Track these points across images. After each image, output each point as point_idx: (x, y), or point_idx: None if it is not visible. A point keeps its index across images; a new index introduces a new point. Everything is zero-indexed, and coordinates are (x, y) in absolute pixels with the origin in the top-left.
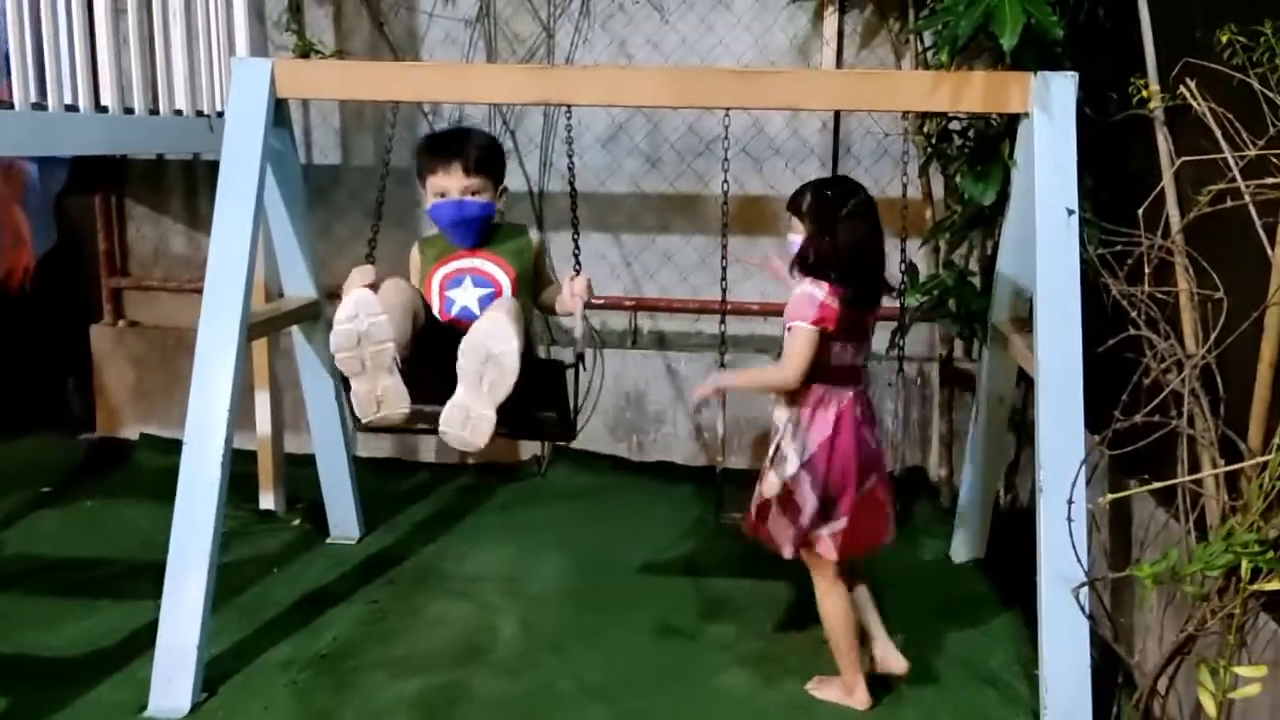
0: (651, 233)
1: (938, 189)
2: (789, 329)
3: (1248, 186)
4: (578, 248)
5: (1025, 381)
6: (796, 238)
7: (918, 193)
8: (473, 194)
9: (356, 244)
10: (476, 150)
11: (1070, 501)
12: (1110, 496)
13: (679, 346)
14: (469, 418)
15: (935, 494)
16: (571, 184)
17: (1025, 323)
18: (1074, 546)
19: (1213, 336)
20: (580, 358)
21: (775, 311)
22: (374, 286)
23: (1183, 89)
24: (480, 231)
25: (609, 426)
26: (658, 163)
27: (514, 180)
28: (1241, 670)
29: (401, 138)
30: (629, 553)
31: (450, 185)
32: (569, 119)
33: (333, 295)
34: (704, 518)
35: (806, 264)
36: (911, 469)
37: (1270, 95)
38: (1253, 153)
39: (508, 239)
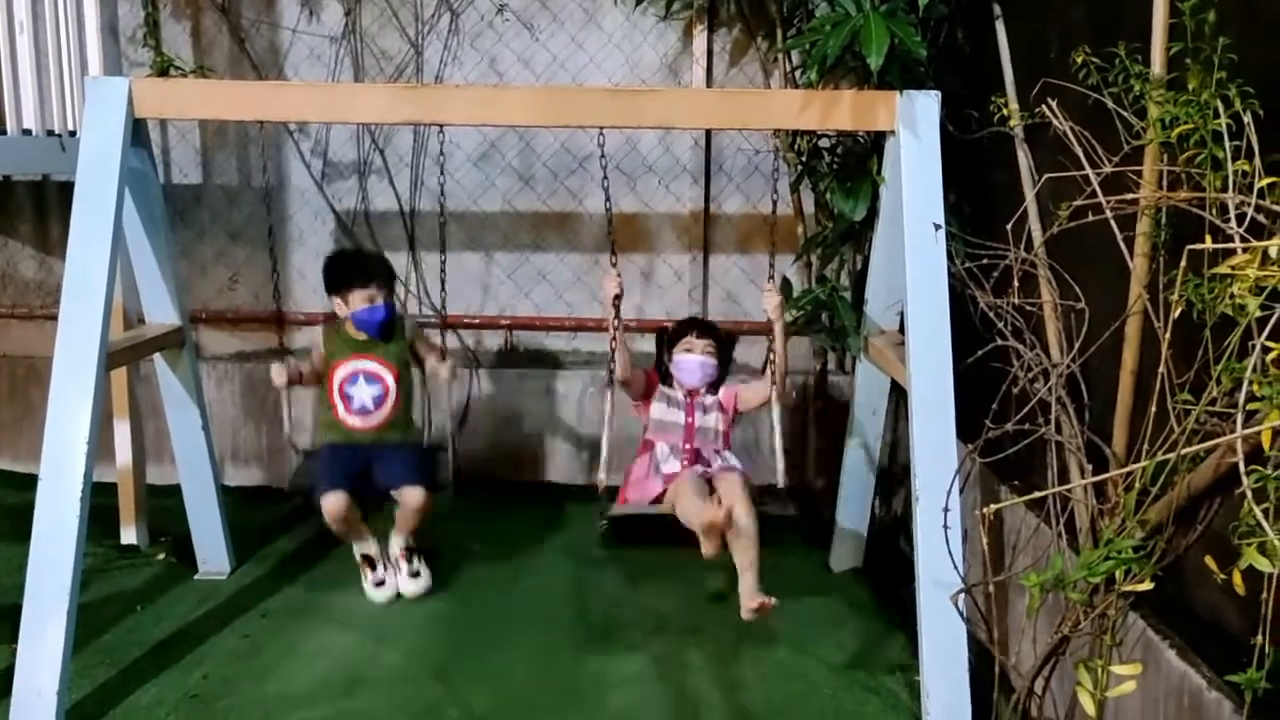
0: (526, 251)
1: (808, 205)
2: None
3: (1108, 201)
4: (443, 271)
5: (898, 393)
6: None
7: (789, 209)
8: (383, 300)
9: (220, 266)
10: (382, 267)
11: (946, 509)
12: (994, 507)
13: (556, 365)
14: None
15: (814, 506)
16: (441, 211)
17: (896, 335)
18: (950, 553)
19: (1076, 345)
20: (453, 435)
21: (649, 329)
22: (298, 376)
23: (1043, 107)
24: (387, 328)
25: (486, 448)
26: (530, 180)
27: (384, 199)
28: (1118, 669)
29: (265, 157)
30: (511, 575)
31: (364, 298)
32: (441, 138)
33: (196, 319)
34: (586, 537)
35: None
36: (791, 483)
37: (1123, 114)
38: (1109, 169)
39: (392, 342)
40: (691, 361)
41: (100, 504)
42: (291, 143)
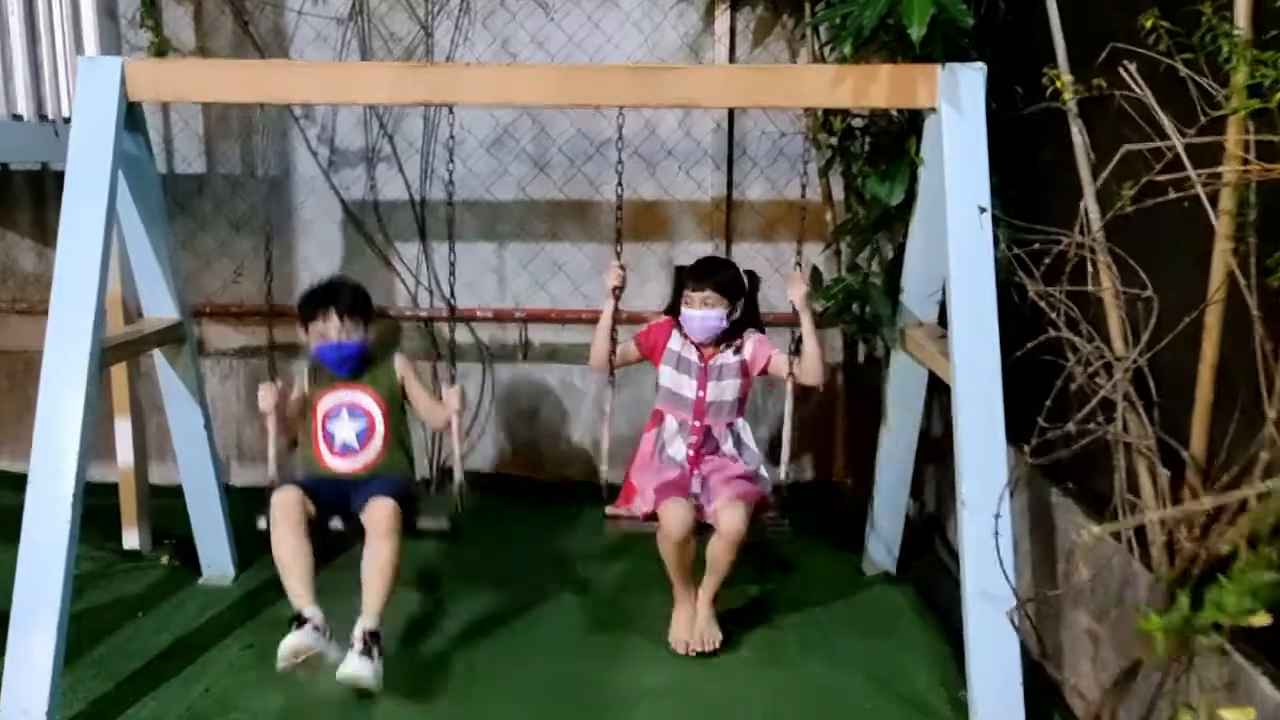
0: (541, 240)
1: (837, 190)
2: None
3: (1199, 175)
4: (452, 267)
5: (934, 386)
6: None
7: (817, 194)
8: (349, 334)
9: (223, 259)
10: (351, 298)
11: (997, 517)
12: (1096, 530)
13: (573, 359)
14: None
15: (840, 504)
16: (451, 199)
17: (935, 326)
18: (1001, 565)
19: (1145, 338)
20: (457, 514)
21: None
22: (283, 399)
23: (1119, 71)
24: (357, 364)
25: (501, 446)
26: (546, 167)
27: (393, 188)
28: (1229, 715)
29: (270, 144)
30: (530, 579)
31: (329, 330)
32: (452, 121)
33: (199, 314)
34: (603, 538)
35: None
36: (815, 479)
37: (1201, 81)
38: (1189, 139)
39: (379, 368)
40: (691, 317)
41: (101, 505)
42: (297, 129)
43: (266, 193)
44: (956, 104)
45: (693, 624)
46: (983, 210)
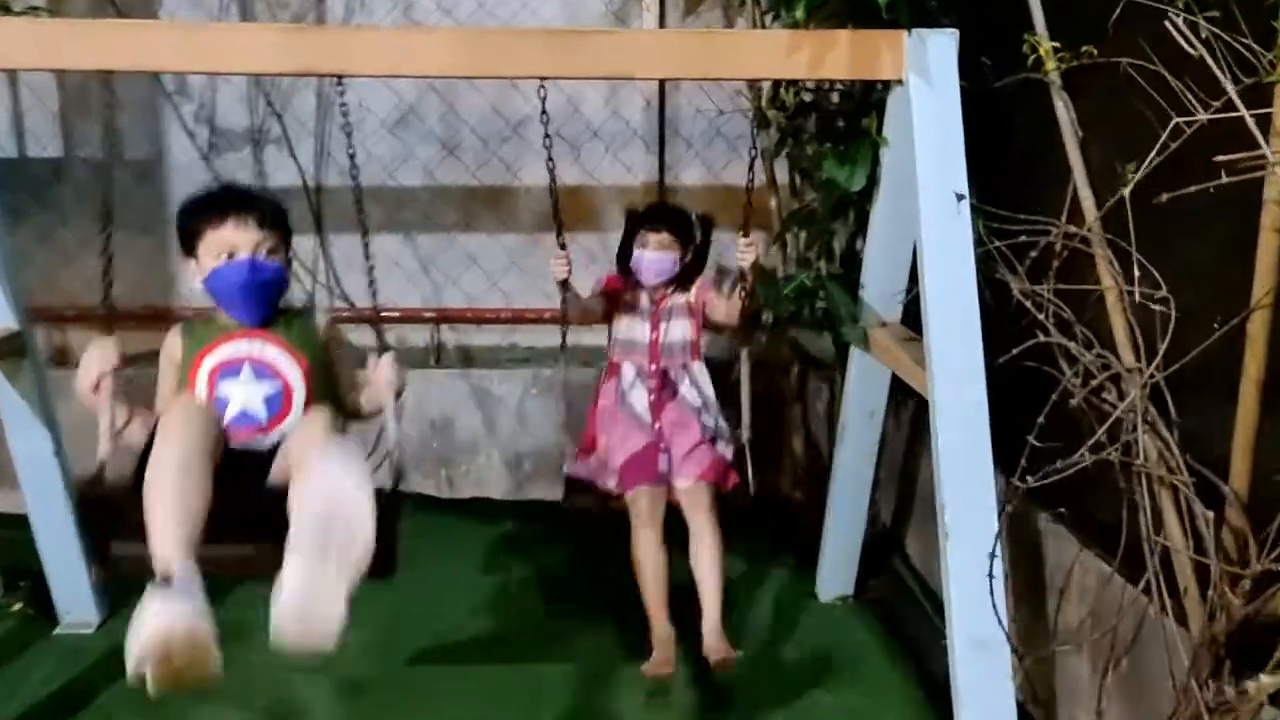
0: (452, 231)
1: (782, 173)
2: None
3: (1258, 159)
4: (368, 255)
5: (898, 391)
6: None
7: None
8: (268, 252)
9: (86, 254)
10: (271, 203)
11: (993, 556)
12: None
13: (491, 364)
14: (312, 611)
15: (791, 521)
16: (354, 177)
17: (900, 327)
18: (996, 611)
19: (1163, 346)
20: (399, 477)
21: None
22: (123, 360)
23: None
24: (271, 303)
25: (412, 460)
26: (456, 150)
27: (284, 174)
28: None
29: (138, 124)
30: (445, 615)
31: (240, 241)
32: (341, 93)
33: (60, 319)
34: (530, 561)
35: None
36: (761, 493)
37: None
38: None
39: (294, 321)
40: (645, 259)
41: None
42: (170, 107)
43: (135, 179)
44: (926, 75)
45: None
46: (960, 197)
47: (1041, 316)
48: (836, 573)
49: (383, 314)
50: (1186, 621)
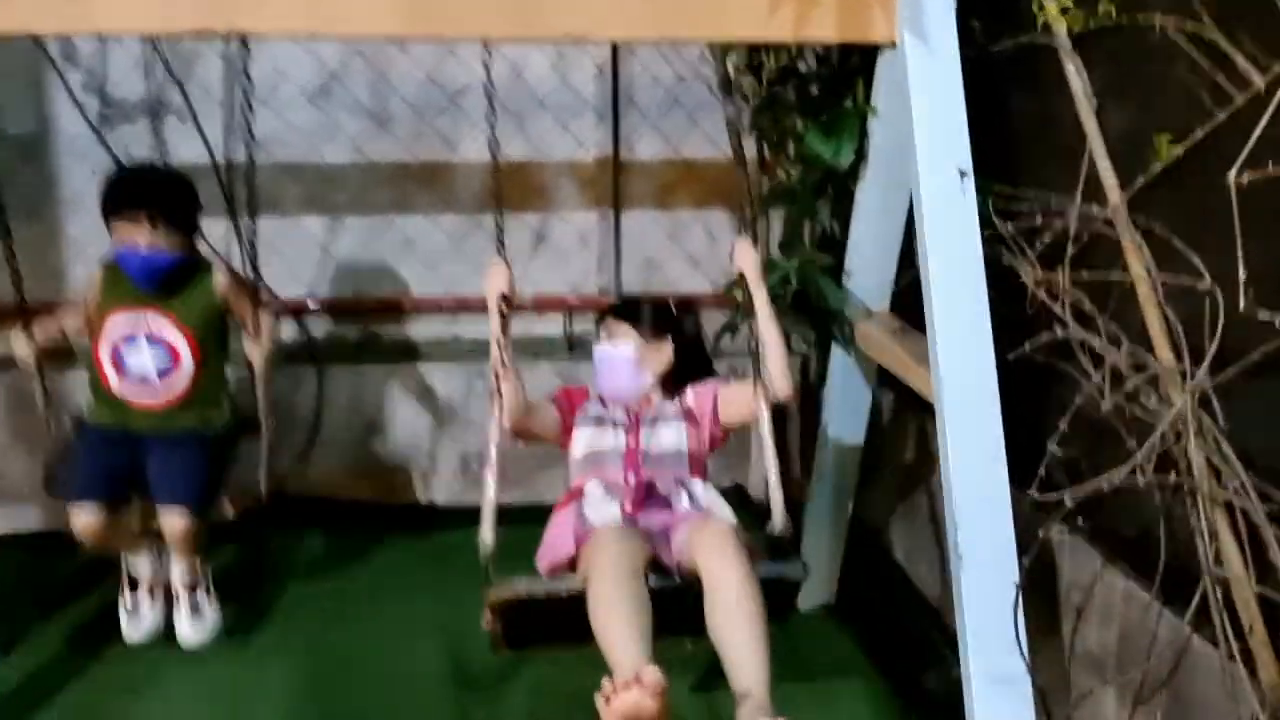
0: (385, 213)
1: (750, 147)
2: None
3: None
4: (253, 249)
5: (885, 385)
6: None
7: (723, 154)
8: (165, 242)
9: None
10: (167, 202)
11: (1019, 586)
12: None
13: (433, 357)
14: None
15: (762, 522)
16: (250, 155)
17: (889, 316)
18: (1019, 644)
19: (1214, 343)
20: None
21: (549, 308)
22: (58, 333)
23: None
24: (168, 280)
25: (346, 465)
26: (387, 123)
27: (189, 148)
28: None
29: (21, 95)
30: (386, 647)
31: (134, 234)
32: (244, 55)
33: None
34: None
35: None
36: (729, 487)
37: None
38: None
39: (194, 287)
40: (604, 355)
41: None
42: (55, 74)
43: (20, 158)
44: (922, 36)
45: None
46: (964, 174)
47: (1058, 308)
48: (817, 581)
49: (308, 305)
50: (1255, 667)
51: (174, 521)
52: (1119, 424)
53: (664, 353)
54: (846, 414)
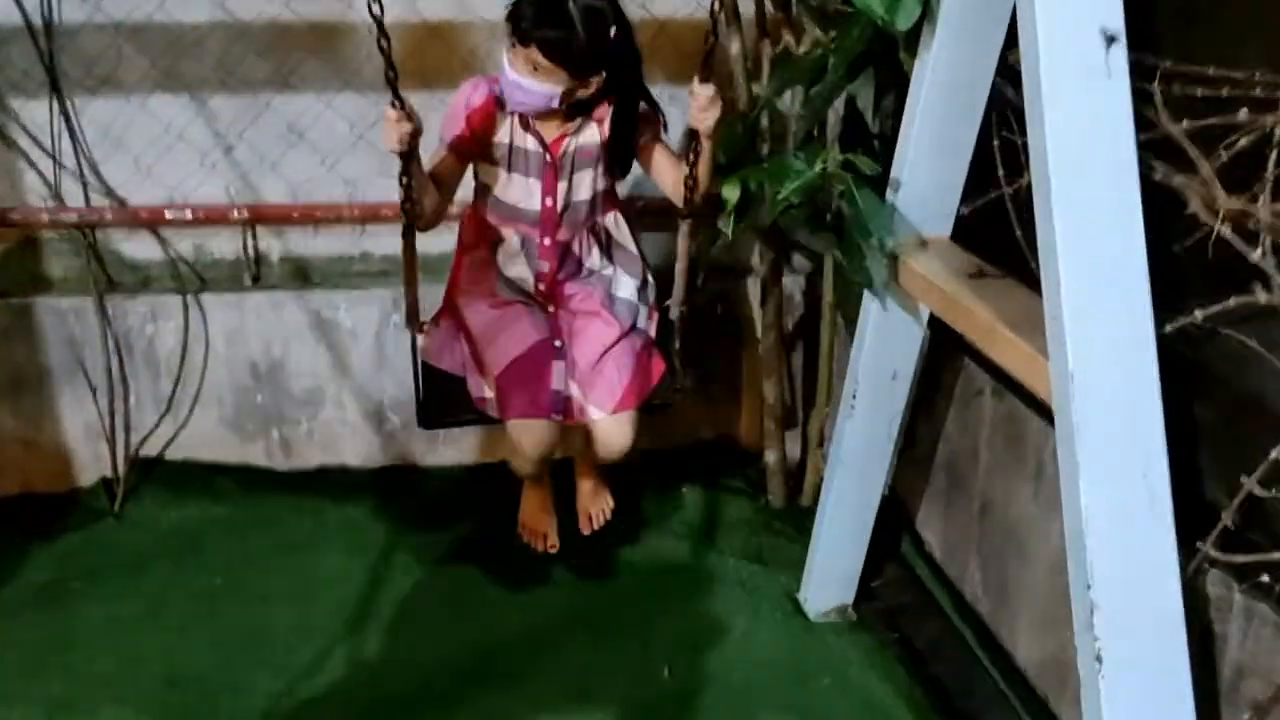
0: (264, 91)
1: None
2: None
3: None
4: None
5: (940, 343)
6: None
7: (697, 8)
8: None
9: None
10: None
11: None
12: None
13: (333, 281)
14: None
15: (758, 489)
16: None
17: (950, 245)
18: None
19: None
20: None
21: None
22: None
23: None
24: None
25: (228, 419)
26: None
27: None
28: None
29: None
30: (278, 648)
31: None
32: None
33: None
34: (399, 553)
35: None
36: (715, 438)
37: None
38: None
39: None
40: (519, 84)
41: None
42: None
43: None
44: None
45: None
46: (1111, 40)
47: (1256, 254)
48: (832, 577)
49: (167, 214)
50: None
51: None
52: None
53: (593, 85)
54: (880, 383)
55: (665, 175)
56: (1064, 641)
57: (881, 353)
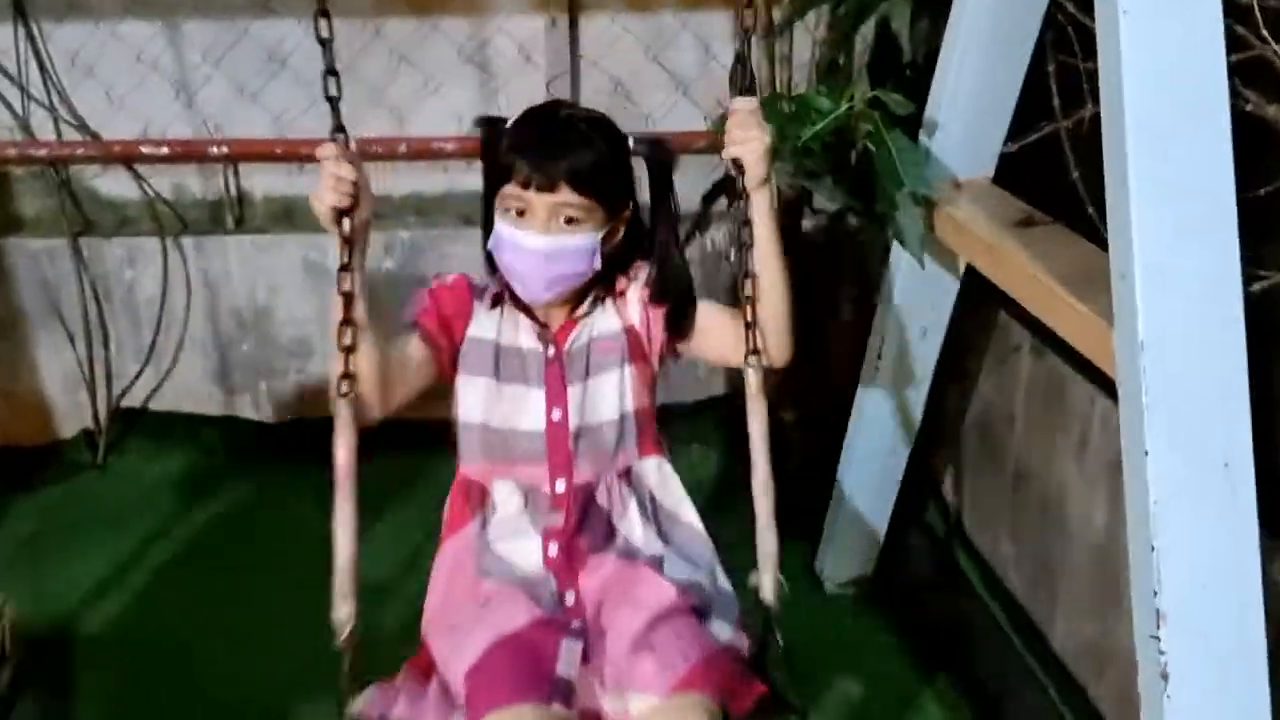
0: (241, 16)
1: None
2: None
3: None
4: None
5: (970, 291)
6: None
7: None
8: None
9: None
10: None
11: None
12: None
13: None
14: None
15: (780, 460)
16: None
17: (992, 188)
18: None
19: None
20: None
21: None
22: None
23: None
24: None
25: (212, 370)
26: None
27: None
28: None
29: None
30: (270, 619)
31: None
32: None
33: None
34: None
35: None
36: (727, 393)
37: None
38: None
39: None
40: (518, 247)
41: None
42: None
43: None
44: None
45: None
46: None
47: None
48: (852, 546)
49: (142, 150)
50: None
51: None
52: None
53: (618, 230)
54: (910, 339)
55: (724, 333)
56: (1106, 627)
57: (911, 307)
